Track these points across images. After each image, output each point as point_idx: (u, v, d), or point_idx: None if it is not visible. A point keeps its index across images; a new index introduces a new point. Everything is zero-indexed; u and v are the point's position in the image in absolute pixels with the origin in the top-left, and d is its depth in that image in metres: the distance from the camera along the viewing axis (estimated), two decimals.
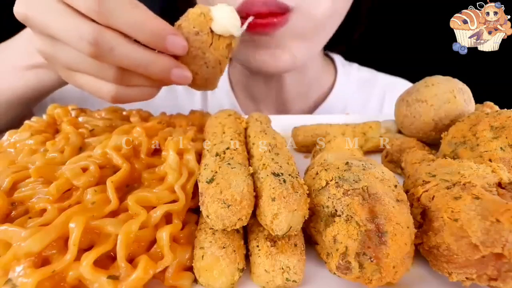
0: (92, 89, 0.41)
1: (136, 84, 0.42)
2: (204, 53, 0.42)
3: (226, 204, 0.27)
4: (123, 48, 0.37)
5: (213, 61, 0.42)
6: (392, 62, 0.94)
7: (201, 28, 0.40)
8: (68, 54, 0.38)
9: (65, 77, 0.43)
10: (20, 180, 0.34)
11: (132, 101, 0.43)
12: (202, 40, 0.41)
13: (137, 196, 0.31)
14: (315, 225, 0.30)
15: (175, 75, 0.41)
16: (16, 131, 0.43)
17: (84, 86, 0.41)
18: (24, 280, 0.24)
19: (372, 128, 0.50)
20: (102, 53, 0.36)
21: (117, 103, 0.42)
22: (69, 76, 0.42)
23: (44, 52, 0.40)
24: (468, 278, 0.26)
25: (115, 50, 0.36)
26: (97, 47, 0.35)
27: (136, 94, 0.42)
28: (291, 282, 0.27)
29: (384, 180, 0.29)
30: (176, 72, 0.41)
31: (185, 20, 0.41)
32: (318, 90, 0.84)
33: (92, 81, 0.40)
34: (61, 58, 0.39)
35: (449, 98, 0.43)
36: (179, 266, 0.29)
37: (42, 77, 0.54)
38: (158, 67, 0.39)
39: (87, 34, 0.35)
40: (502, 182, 0.29)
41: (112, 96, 0.40)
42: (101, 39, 0.35)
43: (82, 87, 0.42)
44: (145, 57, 0.38)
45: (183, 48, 0.40)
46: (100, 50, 0.35)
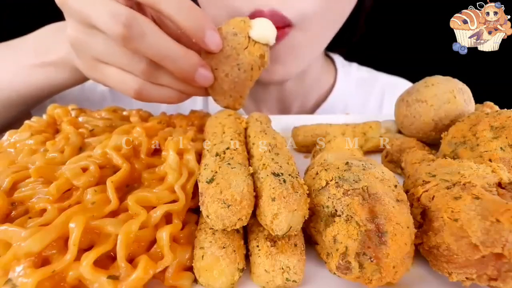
0: (117, 82, 0.41)
1: (162, 83, 0.41)
2: (238, 54, 0.43)
3: (226, 204, 0.27)
4: (155, 35, 0.37)
5: (246, 64, 0.43)
6: (392, 62, 0.94)
7: (240, 30, 0.42)
8: (100, 41, 0.39)
9: (89, 68, 0.42)
10: (20, 180, 0.34)
11: (155, 101, 0.43)
12: (239, 41, 0.42)
13: (137, 196, 0.31)
14: (315, 225, 0.30)
15: (200, 74, 0.41)
16: (16, 131, 0.43)
17: (109, 79, 0.41)
18: (24, 280, 0.24)
19: (372, 128, 0.50)
20: (133, 37, 0.36)
21: (140, 99, 0.42)
22: (95, 68, 0.42)
23: (75, 38, 0.40)
24: (468, 278, 0.26)
25: (147, 36, 0.36)
26: (129, 30, 0.36)
27: (160, 94, 0.42)
28: (291, 282, 0.27)
29: (384, 180, 0.29)
30: (201, 72, 0.41)
31: (226, 24, 0.43)
32: (319, 90, 0.84)
33: (118, 74, 0.40)
34: (91, 46, 0.40)
35: (449, 98, 0.43)
36: (179, 266, 0.29)
37: (51, 75, 0.54)
38: (185, 62, 0.39)
39: (121, 15, 0.35)
40: (502, 182, 0.29)
41: (136, 90, 0.40)
42: (134, 22, 0.36)
43: (106, 80, 0.42)
44: (174, 49, 0.38)
45: (218, 44, 0.41)
46: (131, 33, 0.36)
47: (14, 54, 0.57)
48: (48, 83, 0.55)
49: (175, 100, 0.44)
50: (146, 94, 0.41)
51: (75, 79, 0.54)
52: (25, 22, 0.60)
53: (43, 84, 0.55)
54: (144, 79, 0.40)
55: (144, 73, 0.40)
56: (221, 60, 0.43)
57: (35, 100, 0.59)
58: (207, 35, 0.39)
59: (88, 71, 0.44)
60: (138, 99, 0.42)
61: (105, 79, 0.42)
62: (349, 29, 0.75)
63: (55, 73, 0.53)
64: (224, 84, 0.44)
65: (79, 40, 0.40)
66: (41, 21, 0.58)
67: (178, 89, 0.43)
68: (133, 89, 0.40)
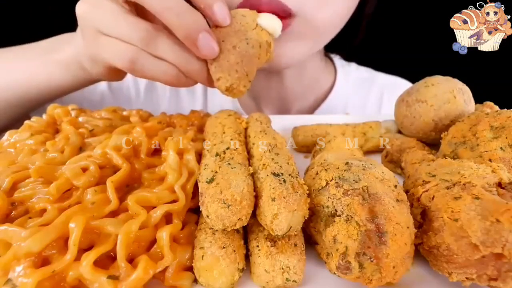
0: (113, 52, 0.40)
1: (161, 52, 0.39)
2: (246, 31, 0.41)
3: (226, 204, 0.27)
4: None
5: (254, 40, 0.41)
6: (392, 62, 0.94)
7: (249, 14, 0.42)
8: (106, 9, 0.39)
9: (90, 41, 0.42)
10: (20, 180, 0.34)
11: (150, 75, 0.40)
12: (248, 21, 0.42)
13: (137, 196, 0.31)
14: (315, 225, 0.30)
15: (204, 38, 0.37)
16: (16, 131, 0.43)
17: (106, 49, 0.40)
18: (24, 280, 0.24)
19: (372, 128, 0.50)
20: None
21: (134, 71, 0.40)
22: (95, 40, 0.41)
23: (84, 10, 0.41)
24: (468, 278, 0.26)
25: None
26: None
27: (156, 67, 0.39)
28: (291, 282, 0.27)
29: (384, 180, 0.29)
30: (206, 36, 0.37)
31: (233, 11, 0.42)
32: (318, 90, 0.84)
33: (116, 43, 0.39)
34: (97, 16, 0.40)
35: (449, 98, 0.43)
36: (179, 266, 0.29)
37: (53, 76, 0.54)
38: (190, 18, 0.37)
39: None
40: (502, 182, 0.29)
41: (131, 58, 0.38)
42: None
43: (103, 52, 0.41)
44: (179, 4, 0.37)
45: (226, 16, 0.39)
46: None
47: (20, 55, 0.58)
48: (49, 84, 0.55)
49: (172, 78, 0.40)
50: (140, 65, 0.39)
51: (77, 82, 0.54)
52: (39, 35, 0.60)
53: (44, 85, 0.55)
54: (141, 46, 0.38)
55: (143, 40, 0.38)
56: (229, 33, 0.40)
57: (34, 103, 0.59)
58: (217, 5, 0.38)
59: (88, 45, 0.44)
60: (132, 71, 0.40)
61: (103, 50, 0.41)
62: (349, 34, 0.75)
63: (59, 74, 0.53)
64: (230, 56, 0.40)
65: (86, 11, 0.41)
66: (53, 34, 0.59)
67: (177, 62, 0.39)
68: (128, 57, 0.38)
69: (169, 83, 0.41)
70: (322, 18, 0.56)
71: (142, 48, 0.38)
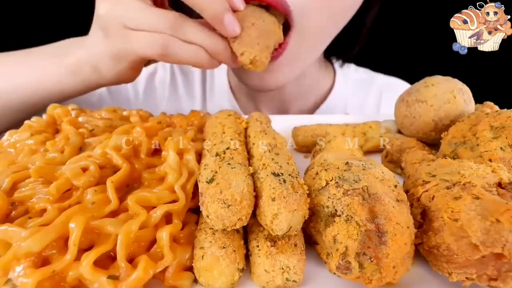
0: (144, 43, 0.42)
1: (189, 36, 0.42)
2: (261, 12, 0.47)
3: (226, 204, 0.27)
4: None
5: (269, 20, 0.47)
6: (392, 62, 0.94)
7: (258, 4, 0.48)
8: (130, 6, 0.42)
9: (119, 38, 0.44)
10: (20, 180, 0.34)
11: (182, 60, 0.43)
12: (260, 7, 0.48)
13: (137, 196, 0.31)
14: (315, 225, 0.30)
15: (228, 18, 0.42)
16: (16, 131, 0.43)
17: (137, 42, 0.43)
18: (24, 280, 0.24)
19: (372, 128, 0.50)
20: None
21: (167, 57, 0.43)
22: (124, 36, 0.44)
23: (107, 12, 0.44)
24: (468, 278, 0.26)
25: None
26: None
27: (187, 51, 0.43)
28: (291, 282, 0.27)
29: (384, 180, 0.29)
30: (230, 16, 0.42)
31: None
32: (317, 92, 0.84)
33: (145, 35, 0.42)
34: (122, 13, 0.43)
35: (449, 98, 0.43)
36: (179, 266, 0.29)
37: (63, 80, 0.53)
38: (215, 2, 0.41)
39: None
40: (502, 182, 0.29)
41: (163, 45, 0.42)
42: None
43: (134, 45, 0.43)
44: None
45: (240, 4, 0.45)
46: None
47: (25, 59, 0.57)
48: (57, 88, 0.54)
49: (202, 59, 0.45)
50: (173, 50, 0.42)
51: (85, 87, 0.54)
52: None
53: (51, 89, 0.54)
54: (171, 33, 0.41)
55: (172, 27, 0.41)
56: (246, 14, 0.45)
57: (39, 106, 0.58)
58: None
59: (115, 42, 0.45)
60: (165, 57, 0.43)
61: (133, 44, 0.43)
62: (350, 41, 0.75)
63: (68, 78, 0.53)
64: (251, 31, 0.45)
65: (110, 9, 0.43)
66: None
67: (204, 44, 0.44)
68: (160, 44, 0.42)
69: (198, 64, 0.45)
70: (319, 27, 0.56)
71: (172, 34, 0.42)
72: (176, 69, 0.86)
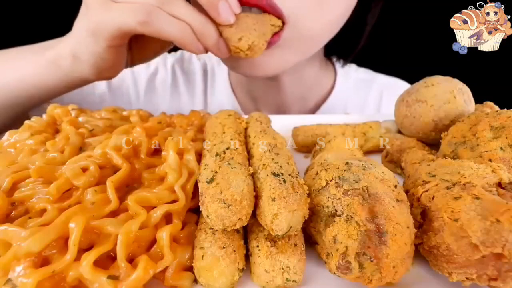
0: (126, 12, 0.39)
1: (179, 13, 0.40)
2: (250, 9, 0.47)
3: (226, 204, 0.27)
4: None
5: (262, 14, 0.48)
6: (392, 62, 0.94)
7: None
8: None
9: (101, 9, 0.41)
10: (20, 180, 0.34)
11: (164, 32, 0.40)
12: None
13: (137, 196, 0.31)
14: (315, 225, 0.30)
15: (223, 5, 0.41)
16: (16, 131, 0.43)
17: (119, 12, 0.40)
18: (24, 280, 0.24)
19: (372, 128, 0.50)
20: None
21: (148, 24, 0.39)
22: (106, 7, 0.41)
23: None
24: (468, 278, 0.26)
25: None
26: None
27: (171, 24, 0.40)
28: (291, 282, 0.27)
29: (384, 180, 0.29)
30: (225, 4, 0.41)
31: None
32: (318, 92, 0.84)
33: (128, 4, 0.39)
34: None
35: (449, 98, 0.43)
36: (179, 266, 0.29)
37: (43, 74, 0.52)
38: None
39: None
40: (502, 182, 0.29)
41: (146, 12, 0.38)
42: None
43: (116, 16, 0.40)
44: None
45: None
46: None
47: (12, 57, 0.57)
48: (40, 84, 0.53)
49: (186, 36, 0.41)
50: (156, 20, 0.39)
51: (70, 82, 0.53)
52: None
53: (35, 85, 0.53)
54: (158, 5, 0.39)
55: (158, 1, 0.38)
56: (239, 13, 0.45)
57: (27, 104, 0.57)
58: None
59: (95, 14, 0.42)
60: (147, 27, 0.39)
61: (113, 13, 0.40)
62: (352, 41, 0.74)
63: (49, 72, 0.52)
64: (247, 18, 0.45)
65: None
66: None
67: (192, 23, 0.41)
68: (144, 10, 0.38)
69: (181, 41, 0.42)
70: (312, 27, 0.54)
71: (159, 6, 0.39)
72: (177, 69, 0.86)
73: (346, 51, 0.80)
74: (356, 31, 0.69)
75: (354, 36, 0.73)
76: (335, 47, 0.66)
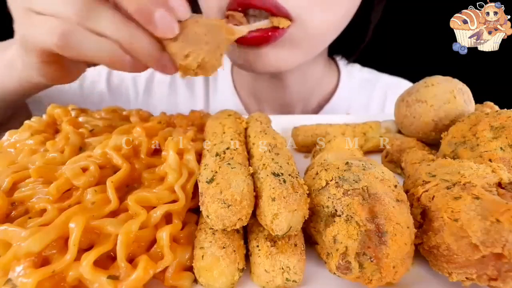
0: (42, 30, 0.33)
1: (101, 28, 0.32)
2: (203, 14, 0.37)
3: (226, 204, 0.27)
4: None
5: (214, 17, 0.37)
6: (392, 62, 0.94)
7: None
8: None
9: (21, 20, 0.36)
10: (20, 180, 0.34)
11: (85, 54, 0.33)
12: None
13: (137, 196, 0.31)
14: (315, 225, 0.30)
15: (160, 14, 0.31)
16: (16, 131, 0.43)
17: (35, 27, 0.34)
18: (24, 280, 0.24)
19: (372, 128, 0.50)
20: None
21: (67, 47, 0.33)
22: (26, 18, 0.35)
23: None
24: (468, 278, 0.26)
25: None
26: None
27: (94, 43, 0.32)
28: (291, 282, 0.27)
29: (384, 180, 0.29)
30: (164, 13, 0.31)
31: None
32: (322, 91, 0.84)
33: (46, 19, 0.33)
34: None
35: (449, 99, 0.43)
36: (179, 266, 0.29)
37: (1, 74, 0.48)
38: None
39: None
40: (502, 182, 0.29)
41: (62, 32, 0.32)
42: None
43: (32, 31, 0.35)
44: None
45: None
46: None
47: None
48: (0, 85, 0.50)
49: (113, 56, 0.33)
50: (75, 41, 0.32)
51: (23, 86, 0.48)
52: None
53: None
54: (77, 20, 0.32)
55: (78, 13, 0.31)
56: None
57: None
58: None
59: (18, 27, 0.37)
60: (65, 48, 0.33)
61: (33, 30, 0.34)
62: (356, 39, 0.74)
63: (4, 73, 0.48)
64: (196, 27, 0.34)
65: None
66: None
67: (119, 37, 0.32)
68: (59, 32, 0.32)
69: (110, 64, 0.34)
70: (319, 25, 0.55)
71: (78, 22, 0.32)
72: None
73: (350, 50, 0.80)
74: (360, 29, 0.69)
75: (358, 35, 0.73)
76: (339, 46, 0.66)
